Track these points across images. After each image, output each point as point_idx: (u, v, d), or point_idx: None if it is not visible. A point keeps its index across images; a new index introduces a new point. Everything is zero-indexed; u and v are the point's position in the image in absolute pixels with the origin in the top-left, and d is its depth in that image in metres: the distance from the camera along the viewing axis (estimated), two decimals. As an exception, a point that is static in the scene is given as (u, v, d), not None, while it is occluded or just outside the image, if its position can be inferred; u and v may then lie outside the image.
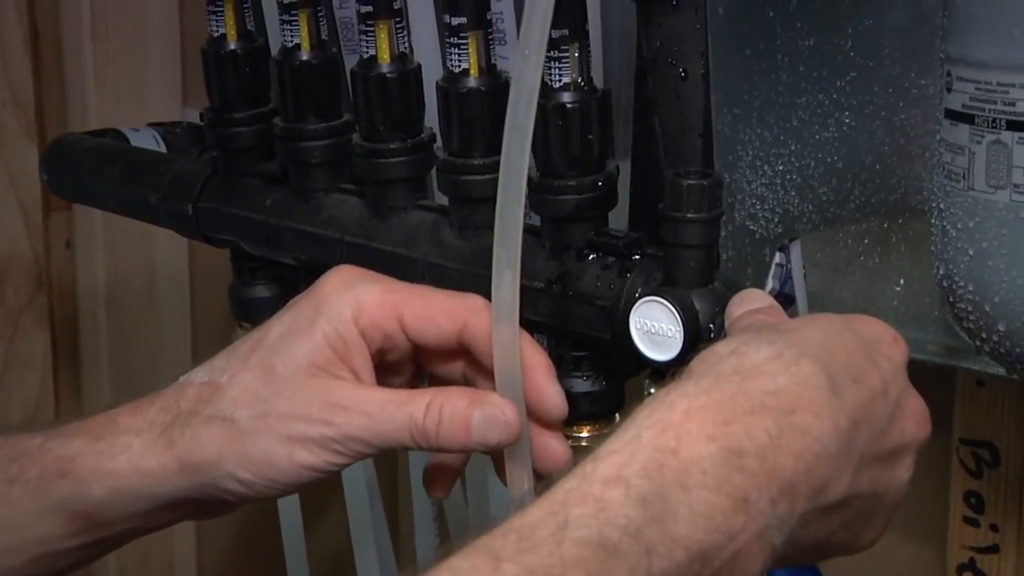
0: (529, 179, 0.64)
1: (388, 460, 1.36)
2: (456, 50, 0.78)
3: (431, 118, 0.84)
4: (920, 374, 0.69)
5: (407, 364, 0.73)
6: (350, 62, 0.87)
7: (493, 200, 0.69)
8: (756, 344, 0.61)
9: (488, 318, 0.68)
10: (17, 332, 1.44)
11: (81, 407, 1.50)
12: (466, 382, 0.72)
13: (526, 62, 0.63)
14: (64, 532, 0.71)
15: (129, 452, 0.70)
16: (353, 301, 0.70)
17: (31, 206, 1.43)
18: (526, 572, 0.53)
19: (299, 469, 0.68)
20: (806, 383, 0.60)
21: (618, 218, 0.80)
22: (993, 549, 1.03)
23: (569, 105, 0.74)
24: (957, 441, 1.03)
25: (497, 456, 0.71)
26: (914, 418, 0.65)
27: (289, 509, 1.11)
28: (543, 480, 0.69)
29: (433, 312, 0.70)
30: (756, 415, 0.58)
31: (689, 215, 0.71)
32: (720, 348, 0.62)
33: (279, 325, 0.71)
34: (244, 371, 0.70)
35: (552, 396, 0.69)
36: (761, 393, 0.59)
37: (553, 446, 0.71)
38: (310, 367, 0.69)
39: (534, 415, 0.69)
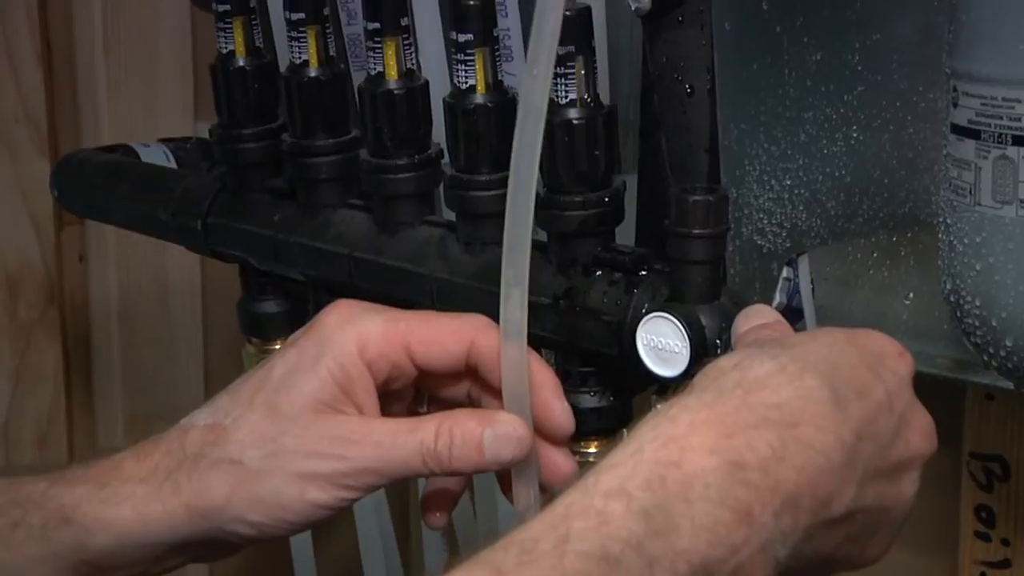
0: (536, 195, 0.64)
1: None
2: (463, 66, 0.78)
3: (438, 134, 0.84)
4: (930, 388, 0.69)
5: (408, 390, 0.73)
6: (358, 78, 0.87)
7: (500, 216, 0.69)
8: (759, 358, 0.61)
9: (494, 335, 0.68)
10: (29, 346, 1.45)
11: (93, 422, 1.50)
12: (470, 402, 0.72)
13: (534, 81, 0.63)
14: None
15: (134, 500, 0.69)
16: (357, 336, 0.69)
17: (44, 221, 1.44)
18: None
19: (310, 507, 0.68)
20: (809, 397, 0.60)
21: (625, 233, 0.80)
22: (1004, 564, 1.03)
23: (575, 121, 0.75)
24: (967, 455, 1.03)
25: (503, 474, 0.71)
26: (920, 432, 0.65)
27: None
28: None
29: (440, 336, 0.70)
30: (759, 428, 0.58)
31: (695, 231, 0.71)
32: (723, 362, 0.62)
33: (282, 364, 0.70)
34: (249, 412, 0.69)
35: (560, 413, 0.70)
36: (764, 407, 0.59)
37: (560, 462, 0.71)
38: (316, 404, 0.69)
39: (541, 431, 0.70)
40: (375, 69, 0.83)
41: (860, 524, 0.62)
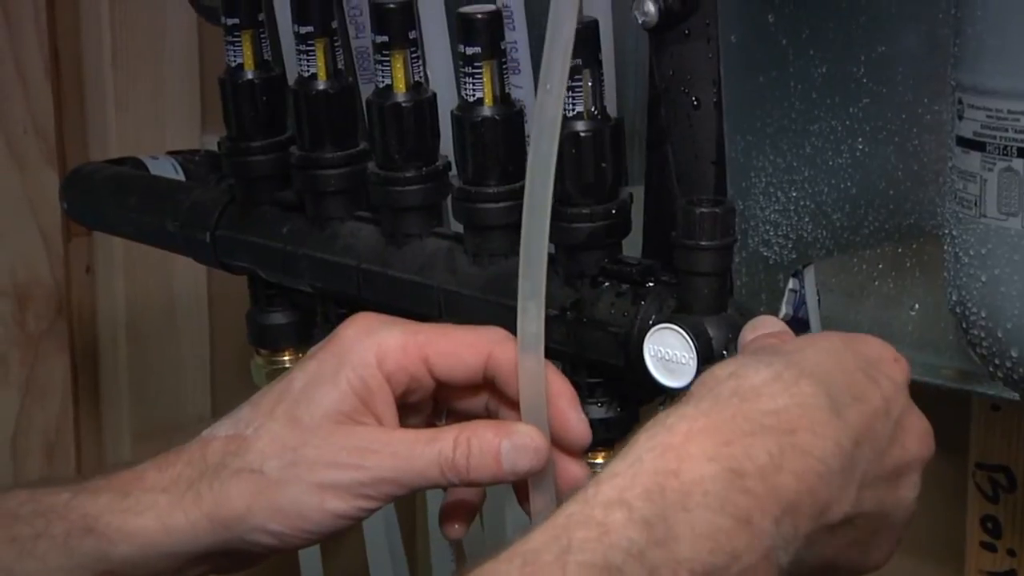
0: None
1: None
2: (471, 79, 0.79)
3: (446, 146, 0.84)
4: (935, 398, 0.70)
5: (427, 403, 0.73)
6: (366, 91, 0.87)
7: (508, 227, 0.69)
8: (755, 366, 0.62)
9: (511, 347, 0.69)
10: (37, 358, 1.45)
11: (101, 433, 1.51)
12: (488, 415, 0.72)
13: (548, 94, 0.63)
14: None
15: (156, 509, 0.69)
16: (376, 348, 0.70)
17: (52, 232, 1.44)
18: None
19: (330, 517, 0.68)
20: (805, 403, 0.60)
21: (632, 245, 0.80)
22: (1010, 574, 1.03)
23: (583, 134, 0.75)
24: (973, 466, 1.03)
25: (520, 485, 0.71)
26: (916, 435, 0.65)
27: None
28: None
29: (458, 348, 0.70)
30: (756, 436, 0.59)
31: (702, 243, 0.71)
32: (719, 371, 0.63)
33: (302, 375, 0.71)
34: (270, 422, 0.70)
35: (576, 423, 0.70)
36: (761, 414, 0.60)
37: (577, 472, 0.71)
38: (336, 415, 0.69)
39: (558, 442, 0.70)
40: (383, 82, 0.83)
41: (861, 529, 0.63)
